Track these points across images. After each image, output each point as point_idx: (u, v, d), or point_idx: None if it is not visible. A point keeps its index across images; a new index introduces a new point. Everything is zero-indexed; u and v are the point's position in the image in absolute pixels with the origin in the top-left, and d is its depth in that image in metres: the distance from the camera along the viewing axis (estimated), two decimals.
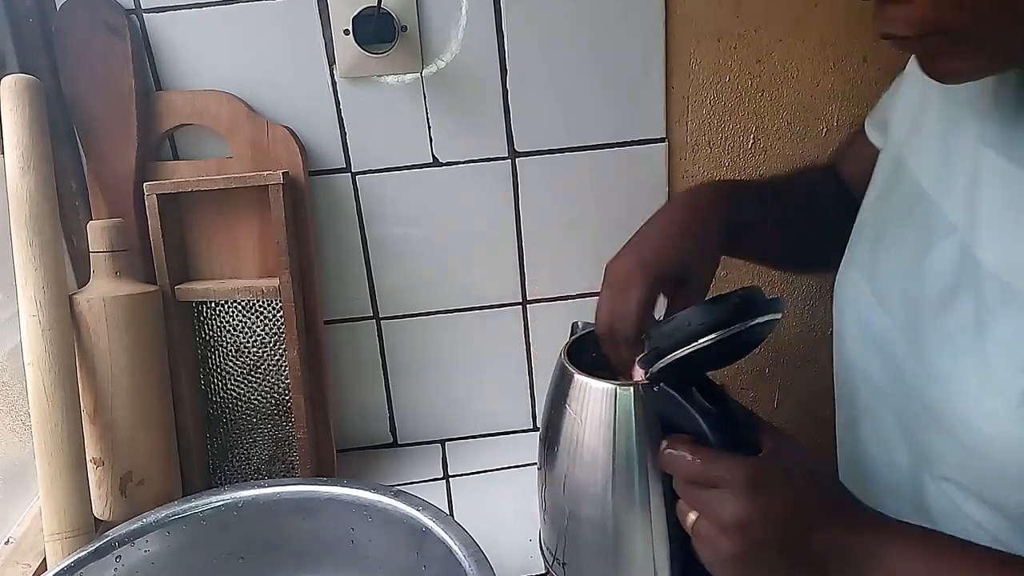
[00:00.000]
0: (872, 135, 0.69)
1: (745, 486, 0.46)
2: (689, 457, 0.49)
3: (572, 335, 0.69)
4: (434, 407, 0.95)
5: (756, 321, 0.50)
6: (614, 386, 0.60)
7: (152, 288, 0.78)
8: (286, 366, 0.82)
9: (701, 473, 0.48)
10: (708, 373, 0.55)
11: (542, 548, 0.72)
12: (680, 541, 0.58)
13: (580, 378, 0.62)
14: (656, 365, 0.52)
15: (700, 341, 0.49)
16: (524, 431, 0.97)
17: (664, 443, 0.52)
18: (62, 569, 0.63)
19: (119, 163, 0.80)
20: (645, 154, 0.86)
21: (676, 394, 0.52)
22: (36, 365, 0.68)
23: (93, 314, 0.73)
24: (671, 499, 0.54)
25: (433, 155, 0.84)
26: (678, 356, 0.51)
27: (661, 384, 0.54)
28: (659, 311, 0.60)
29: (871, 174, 0.65)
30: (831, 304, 0.66)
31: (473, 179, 0.85)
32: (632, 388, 0.59)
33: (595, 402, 0.61)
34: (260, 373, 0.84)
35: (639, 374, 0.56)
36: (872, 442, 0.62)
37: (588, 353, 0.65)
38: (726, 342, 0.49)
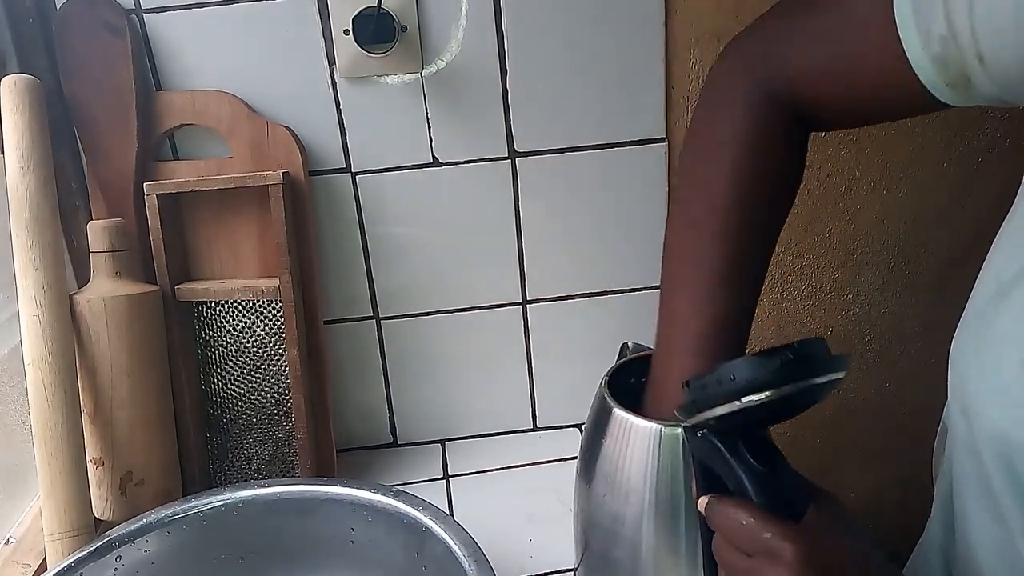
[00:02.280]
0: (911, 47, 0.44)
1: (798, 562, 0.43)
2: (739, 518, 0.45)
3: (620, 358, 0.64)
4: (434, 407, 0.95)
5: (810, 382, 0.44)
6: (659, 426, 0.55)
7: (152, 288, 0.78)
8: (286, 366, 0.82)
9: (751, 538, 0.45)
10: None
11: None
12: None
13: (621, 413, 0.57)
14: (693, 419, 0.48)
15: (742, 400, 0.44)
16: (524, 431, 0.97)
17: (705, 498, 0.48)
18: (62, 569, 0.63)
19: (119, 163, 0.80)
20: (645, 154, 0.86)
21: (720, 446, 0.47)
22: (36, 365, 0.68)
23: (93, 314, 0.73)
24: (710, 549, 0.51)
25: (433, 155, 0.84)
26: (716, 415, 0.45)
27: (704, 432, 0.48)
28: None
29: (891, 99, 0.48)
30: (832, 300, 0.63)
31: (473, 179, 0.85)
32: (681, 430, 0.54)
33: (637, 441, 0.56)
34: (260, 373, 0.84)
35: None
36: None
37: (633, 379, 0.61)
38: (773, 402, 0.44)
